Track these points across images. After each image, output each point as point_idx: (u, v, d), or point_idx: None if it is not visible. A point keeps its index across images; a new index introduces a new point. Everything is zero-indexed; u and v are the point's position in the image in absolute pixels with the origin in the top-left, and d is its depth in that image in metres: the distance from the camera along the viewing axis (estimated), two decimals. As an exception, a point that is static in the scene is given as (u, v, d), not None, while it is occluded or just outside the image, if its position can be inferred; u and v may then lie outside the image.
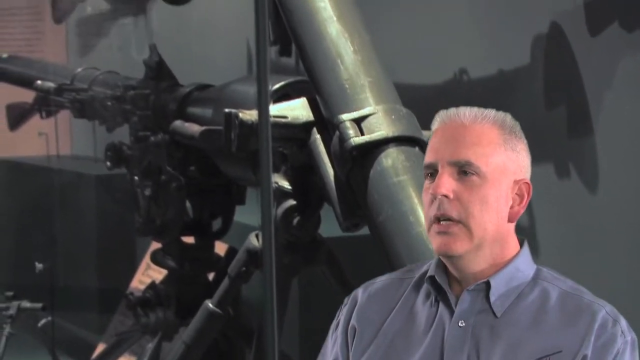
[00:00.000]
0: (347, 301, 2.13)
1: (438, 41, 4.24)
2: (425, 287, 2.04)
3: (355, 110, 2.81)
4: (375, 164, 2.71)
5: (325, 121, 2.97)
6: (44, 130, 6.11)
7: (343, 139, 2.75)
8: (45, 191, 5.81)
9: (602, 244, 3.58)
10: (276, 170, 3.22)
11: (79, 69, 5.10)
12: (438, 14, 4.26)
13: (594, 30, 3.54)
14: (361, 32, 3.03)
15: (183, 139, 3.77)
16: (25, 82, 5.32)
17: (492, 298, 1.96)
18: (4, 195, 6.30)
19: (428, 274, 2.03)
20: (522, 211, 1.99)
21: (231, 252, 4.38)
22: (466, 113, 1.98)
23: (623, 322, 1.95)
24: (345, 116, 2.78)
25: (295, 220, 3.24)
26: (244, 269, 3.46)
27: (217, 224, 4.35)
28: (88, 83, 4.86)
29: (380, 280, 2.13)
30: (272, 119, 2.33)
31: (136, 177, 4.29)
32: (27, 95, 5.53)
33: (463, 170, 1.94)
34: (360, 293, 2.12)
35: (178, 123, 3.82)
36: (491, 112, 1.99)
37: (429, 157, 1.98)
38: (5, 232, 6.24)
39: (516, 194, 1.98)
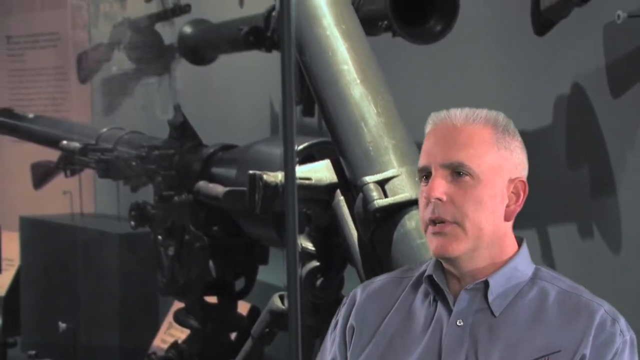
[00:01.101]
0: (346, 301, 2.13)
1: (460, 102, 4.25)
2: (423, 286, 2.03)
3: (378, 172, 2.83)
4: (398, 226, 2.72)
5: (348, 183, 2.99)
6: (68, 188, 6.15)
7: (367, 201, 2.77)
8: (68, 249, 5.84)
9: (625, 305, 3.56)
10: (300, 231, 3.24)
11: (104, 129, 5.15)
12: (460, 75, 4.29)
13: (616, 92, 3.56)
14: (384, 94, 3.06)
15: (207, 200, 3.79)
16: (51, 141, 5.38)
17: (491, 297, 1.95)
18: (28, 253, 6.33)
19: (426, 274, 2.03)
20: (518, 209, 1.99)
21: (254, 312, 4.39)
22: (457, 114, 2.01)
23: (622, 321, 1.95)
24: (369, 178, 2.80)
25: (319, 282, 3.25)
26: (267, 329, 3.46)
27: (240, 284, 4.36)
28: (113, 143, 4.91)
29: (379, 280, 2.13)
30: (297, 181, 2.34)
31: (160, 237, 4.31)
32: (51, 154, 5.59)
33: (456, 171, 1.94)
34: (358, 292, 2.12)
35: (202, 183, 3.85)
36: (482, 112, 2.01)
37: (422, 161, 1.99)
38: (28, 291, 6.26)
39: (512, 192, 1.98)
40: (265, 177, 3.04)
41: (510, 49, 4.04)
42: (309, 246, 3.25)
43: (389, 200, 2.75)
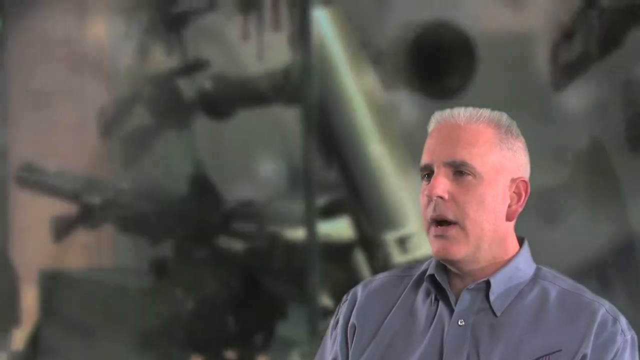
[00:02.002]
0: (347, 298, 2.10)
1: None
2: (424, 285, 2.02)
3: (398, 229, 2.84)
4: (419, 282, 2.73)
5: (368, 239, 3.00)
6: (87, 242, 6.17)
7: (387, 257, 2.78)
8: (87, 303, 5.84)
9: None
10: (319, 287, 3.24)
11: (124, 184, 5.18)
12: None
13: (635, 146, 3.56)
14: (402, 150, 3.08)
15: (227, 255, 3.80)
16: (71, 196, 5.41)
17: (492, 297, 1.95)
18: (47, 306, 6.33)
19: (428, 273, 2.01)
20: (520, 210, 1.99)
21: (273, 367, 4.38)
22: (461, 113, 1.99)
23: (623, 321, 1.93)
24: (389, 235, 2.81)
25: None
26: (287, 386, 3.45)
27: (259, 339, 4.35)
28: (133, 198, 4.94)
29: (380, 278, 2.11)
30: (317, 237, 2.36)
31: (179, 291, 4.32)
32: (71, 208, 5.61)
33: (459, 170, 1.94)
34: (359, 291, 2.09)
35: (222, 239, 3.87)
36: (486, 112, 2.00)
37: (424, 159, 1.99)
38: (47, 344, 6.26)
39: (514, 192, 1.98)
40: (284, 233, 3.06)
41: (528, 104, 4.06)
42: (328, 302, 3.25)
43: (409, 257, 2.76)
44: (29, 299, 6.52)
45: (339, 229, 3.07)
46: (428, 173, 1.97)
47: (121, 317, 5.67)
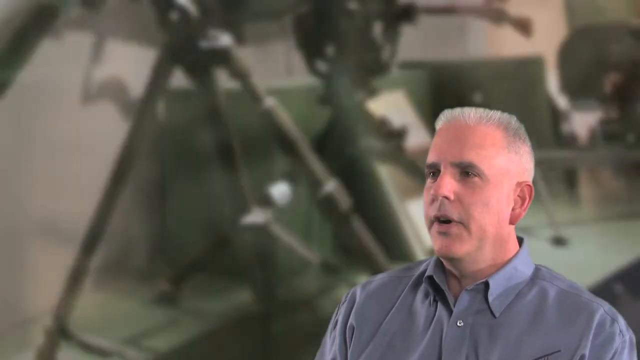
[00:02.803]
0: (345, 299, 2.10)
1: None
2: (423, 286, 2.02)
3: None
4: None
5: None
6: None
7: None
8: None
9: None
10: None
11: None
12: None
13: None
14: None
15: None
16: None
17: (491, 298, 1.95)
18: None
19: (427, 274, 2.01)
20: (523, 214, 1.99)
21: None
22: (471, 114, 1.98)
23: (621, 321, 1.93)
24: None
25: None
26: None
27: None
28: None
29: (379, 279, 2.11)
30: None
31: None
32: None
33: (465, 171, 1.94)
34: (358, 291, 2.09)
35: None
36: (496, 114, 1.99)
37: (431, 157, 1.98)
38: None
39: (518, 196, 1.98)
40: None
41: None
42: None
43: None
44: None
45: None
46: (434, 171, 1.97)
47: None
